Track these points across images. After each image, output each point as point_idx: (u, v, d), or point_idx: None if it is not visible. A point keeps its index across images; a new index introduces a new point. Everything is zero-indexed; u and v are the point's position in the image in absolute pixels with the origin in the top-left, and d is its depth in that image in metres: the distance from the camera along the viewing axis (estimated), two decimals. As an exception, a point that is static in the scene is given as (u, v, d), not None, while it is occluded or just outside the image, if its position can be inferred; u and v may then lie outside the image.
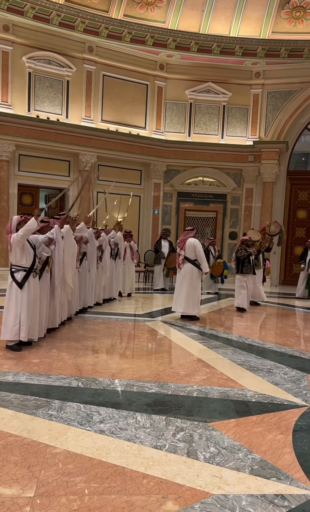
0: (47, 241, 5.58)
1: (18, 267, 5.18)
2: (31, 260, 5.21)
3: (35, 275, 5.30)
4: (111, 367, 4.75)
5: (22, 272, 5.17)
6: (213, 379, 4.44)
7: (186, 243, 7.59)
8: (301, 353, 5.67)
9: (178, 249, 7.74)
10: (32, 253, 5.25)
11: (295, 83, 13.91)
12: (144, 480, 2.55)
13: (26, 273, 5.18)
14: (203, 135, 14.41)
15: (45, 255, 5.57)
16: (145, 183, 14.35)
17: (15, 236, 5.06)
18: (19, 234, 5.03)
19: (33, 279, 5.26)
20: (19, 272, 5.17)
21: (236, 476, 2.60)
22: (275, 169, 14.14)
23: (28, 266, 5.19)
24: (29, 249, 5.23)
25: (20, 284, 5.14)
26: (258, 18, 13.13)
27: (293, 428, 3.28)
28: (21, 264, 5.18)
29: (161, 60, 13.88)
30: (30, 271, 5.20)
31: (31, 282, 5.23)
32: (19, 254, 5.16)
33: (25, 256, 5.18)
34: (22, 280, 5.15)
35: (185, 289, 7.56)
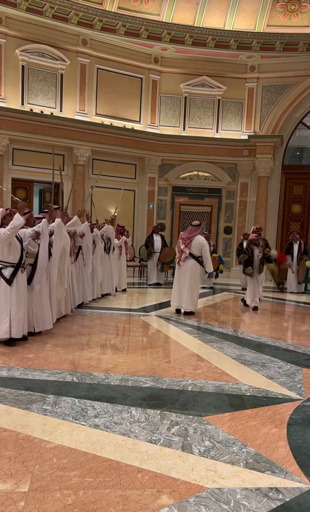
0: (34, 235, 5.49)
1: (5, 263, 5.11)
2: (18, 256, 5.15)
3: (23, 270, 5.24)
4: (106, 361, 4.74)
5: (10, 268, 5.11)
6: (208, 373, 4.44)
7: (193, 240, 7.52)
8: (295, 347, 5.69)
9: (182, 245, 7.57)
10: (19, 247, 5.18)
11: (290, 77, 13.87)
12: (139, 474, 2.55)
13: (14, 269, 5.12)
14: (198, 129, 14.36)
15: (31, 249, 5.49)
16: (140, 178, 14.30)
17: (2, 234, 4.98)
18: (6, 233, 4.95)
19: (21, 275, 5.20)
20: (6, 269, 5.11)
21: (231, 469, 2.60)
22: (270, 163, 14.13)
23: (16, 262, 5.13)
24: (16, 244, 5.14)
25: (8, 280, 5.08)
26: (253, 11, 13.05)
27: (287, 422, 3.29)
28: (9, 260, 5.11)
29: (155, 54, 13.78)
30: (18, 267, 5.15)
31: (19, 278, 5.17)
32: (6, 250, 5.08)
33: (12, 252, 5.11)
34: (11, 276, 5.09)
35: (188, 286, 7.54)
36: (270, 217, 14.50)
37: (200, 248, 7.54)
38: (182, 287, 7.60)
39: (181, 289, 7.62)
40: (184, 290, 7.58)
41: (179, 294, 7.65)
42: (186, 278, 7.58)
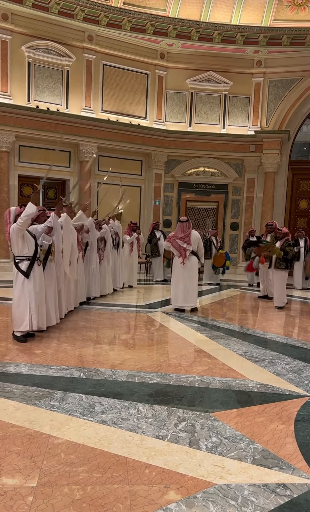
0: (47, 230, 5.55)
1: (22, 257, 5.18)
2: (33, 249, 5.21)
3: (39, 263, 5.31)
4: (112, 357, 4.75)
5: (26, 261, 5.18)
6: (215, 369, 4.44)
7: (191, 236, 7.49)
8: (303, 344, 5.67)
9: (184, 244, 7.47)
10: (33, 242, 5.24)
11: (297, 71, 13.76)
12: (147, 470, 2.55)
13: (30, 262, 5.18)
14: (204, 125, 14.30)
15: (46, 243, 5.55)
16: (146, 174, 14.27)
17: (15, 225, 5.03)
18: (19, 222, 5.01)
19: (38, 268, 5.27)
20: (23, 262, 5.18)
21: (238, 465, 2.60)
22: (277, 159, 14.04)
23: (31, 255, 5.19)
24: (29, 238, 5.22)
25: (26, 273, 5.14)
26: (260, 6, 12.94)
27: (295, 418, 3.28)
28: (24, 253, 5.18)
29: (161, 49, 13.72)
30: (34, 260, 5.21)
31: (36, 271, 5.24)
32: (21, 244, 5.15)
33: (26, 245, 5.17)
34: (28, 269, 5.16)
35: (194, 282, 7.61)
36: (277, 213, 14.42)
37: (197, 242, 7.58)
38: (188, 286, 7.55)
39: (187, 287, 7.54)
40: (189, 287, 7.55)
41: (185, 293, 7.55)
42: (192, 276, 7.57)
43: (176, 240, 7.51)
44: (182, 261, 7.49)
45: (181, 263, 7.52)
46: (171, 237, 7.57)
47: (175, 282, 7.66)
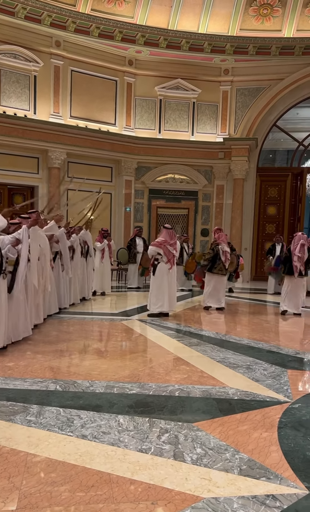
0: (15, 242, 5.31)
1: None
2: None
3: (5, 276, 5.09)
4: (89, 368, 4.63)
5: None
6: (194, 377, 4.39)
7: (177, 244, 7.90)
8: (278, 349, 5.70)
9: (174, 250, 7.70)
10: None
11: (264, 80, 14.03)
12: (132, 486, 2.46)
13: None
14: (173, 132, 14.37)
15: (11, 256, 5.31)
16: (116, 180, 14.19)
17: None
18: None
19: (2, 281, 5.04)
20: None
21: (226, 477, 2.54)
22: (245, 165, 14.25)
23: None
24: None
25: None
26: (226, 15, 13.16)
27: (277, 425, 3.26)
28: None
29: (130, 56, 13.73)
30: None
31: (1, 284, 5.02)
32: None
33: None
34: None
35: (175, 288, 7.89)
36: (246, 219, 14.61)
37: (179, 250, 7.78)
38: (172, 291, 7.74)
39: (172, 292, 7.74)
40: (174, 292, 7.82)
41: (171, 298, 7.71)
42: (174, 281, 7.85)
43: (167, 247, 7.57)
44: (171, 267, 7.64)
45: (169, 269, 7.62)
46: (161, 243, 7.56)
47: (161, 288, 7.60)
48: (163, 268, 7.60)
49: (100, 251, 10.31)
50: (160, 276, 7.61)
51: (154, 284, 7.65)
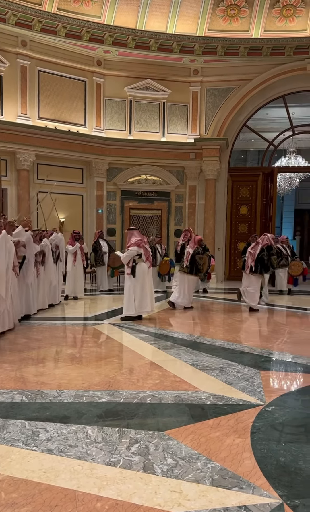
0: None
1: None
2: None
3: None
4: (58, 376, 4.46)
5: None
6: (166, 382, 4.28)
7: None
8: (251, 349, 5.65)
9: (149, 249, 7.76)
10: None
11: (233, 80, 14.09)
12: (98, 503, 2.33)
13: None
14: (144, 133, 14.28)
15: None
16: (87, 182, 14.01)
17: None
18: None
19: None
20: None
21: (197, 489, 2.44)
22: (217, 166, 14.27)
23: None
24: None
25: None
26: (194, 15, 13.15)
27: (251, 430, 3.17)
28: None
29: (98, 56, 13.57)
30: None
31: None
32: None
33: None
34: None
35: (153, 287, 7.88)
36: (218, 219, 14.63)
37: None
38: (150, 290, 7.68)
39: (151, 292, 7.74)
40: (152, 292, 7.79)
41: (151, 297, 7.68)
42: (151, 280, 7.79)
43: (144, 246, 7.57)
44: (150, 265, 7.68)
45: (149, 268, 7.61)
46: (138, 243, 7.44)
47: (144, 289, 7.51)
48: (143, 268, 7.50)
49: (72, 254, 10.11)
50: (142, 277, 7.50)
51: (136, 286, 7.44)
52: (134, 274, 7.38)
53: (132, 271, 7.38)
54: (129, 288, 7.46)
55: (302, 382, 4.48)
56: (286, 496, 2.36)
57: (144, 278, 7.52)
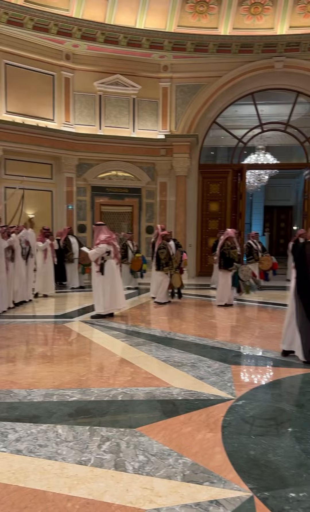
0: None
1: None
2: None
3: None
4: (28, 376, 4.39)
5: None
6: (138, 379, 4.27)
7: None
8: (222, 344, 5.71)
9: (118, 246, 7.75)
10: None
11: (202, 77, 14.11)
12: (69, 503, 2.30)
13: None
14: (114, 128, 14.16)
15: None
16: (57, 177, 13.80)
17: None
18: None
19: None
20: None
21: (168, 485, 2.44)
22: (187, 162, 14.31)
23: None
24: None
25: None
26: (164, 11, 13.10)
27: (221, 425, 3.20)
28: None
29: (67, 50, 13.36)
30: None
31: None
32: None
33: None
34: None
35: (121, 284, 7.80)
36: (189, 216, 14.69)
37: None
38: (120, 287, 7.65)
39: (121, 289, 7.72)
40: (122, 289, 7.77)
41: (121, 294, 7.65)
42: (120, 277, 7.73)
43: (113, 242, 7.50)
44: (118, 262, 7.63)
45: (117, 264, 7.57)
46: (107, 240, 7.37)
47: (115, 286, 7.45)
48: (112, 265, 7.44)
49: (42, 251, 9.96)
50: (111, 274, 7.44)
51: (105, 284, 7.35)
52: (102, 272, 7.31)
53: (101, 269, 7.32)
54: (98, 286, 7.38)
55: (272, 375, 4.56)
56: (256, 489, 2.39)
57: (114, 275, 7.47)
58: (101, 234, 7.46)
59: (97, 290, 7.39)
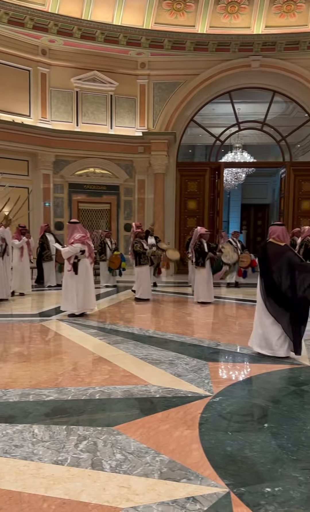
0: None
1: None
2: None
3: None
4: (4, 375, 4.32)
5: None
6: (116, 377, 4.26)
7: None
8: (200, 341, 5.73)
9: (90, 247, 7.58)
10: None
11: (180, 75, 14.12)
12: (45, 504, 2.28)
13: None
14: (91, 125, 14.05)
15: None
16: (33, 174, 13.63)
17: None
18: None
19: None
20: None
21: (145, 483, 2.44)
22: (165, 160, 14.31)
23: None
24: None
25: None
26: (141, 8, 13.05)
27: (199, 421, 3.22)
28: None
29: (43, 45, 13.18)
30: None
31: None
32: None
33: None
34: None
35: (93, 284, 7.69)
36: (168, 214, 14.70)
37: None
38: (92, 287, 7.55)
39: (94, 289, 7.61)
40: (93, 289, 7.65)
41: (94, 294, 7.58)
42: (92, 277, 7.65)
43: (88, 242, 7.41)
44: (92, 261, 7.57)
45: (91, 263, 7.49)
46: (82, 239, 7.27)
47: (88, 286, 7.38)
48: (85, 264, 7.37)
49: (18, 249, 9.84)
50: (85, 273, 7.37)
51: (79, 283, 7.26)
52: (76, 271, 7.23)
53: (74, 268, 7.23)
54: (71, 286, 7.26)
55: (249, 372, 4.61)
56: (233, 485, 2.41)
57: (87, 275, 7.41)
58: (75, 233, 7.38)
59: (70, 289, 7.29)
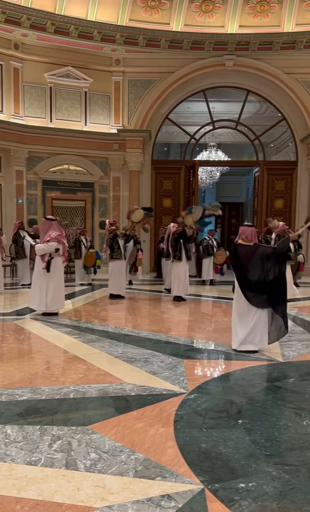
0: None
1: None
2: None
3: None
4: (-25, 376, 4.23)
5: None
6: (91, 376, 4.22)
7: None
8: (175, 339, 5.75)
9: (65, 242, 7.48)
10: None
11: (155, 72, 14.11)
12: (17, 505, 2.24)
13: None
14: (65, 121, 13.90)
15: None
16: (6, 170, 13.39)
17: None
18: None
19: None
20: None
21: (120, 482, 2.43)
22: (140, 158, 14.28)
23: None
24: None
25: None
26: (115, 4, 12.97)
27: (174, 419, 3.22)
28: None
29: (15, 39, 12.95)
30: None
31: None
32: None
33: None
34: None
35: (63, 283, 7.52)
36: (143, 211, 14.66)
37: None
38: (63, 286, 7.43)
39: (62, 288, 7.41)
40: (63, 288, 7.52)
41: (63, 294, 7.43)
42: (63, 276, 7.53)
43: (63, 241, 7.26)
44: (65, 260, 7.48)
45: (64, 262, 7.40)
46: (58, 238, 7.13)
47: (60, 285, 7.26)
48: (58, 263, 7.27)
49: (-10, 247, 9.66)
50: (58, 272, 7.28)
51: (50, 282, 7.14)
52: (49, 269, 7.12)
53: (47, 266, 7.11)
54: (41, 283, 7.11)
55: (223, 369, 4.65)
56: (207, 481, 2.42)
57: (60, 274, 7.35)
58: (51, 231, 7.25)
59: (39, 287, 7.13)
